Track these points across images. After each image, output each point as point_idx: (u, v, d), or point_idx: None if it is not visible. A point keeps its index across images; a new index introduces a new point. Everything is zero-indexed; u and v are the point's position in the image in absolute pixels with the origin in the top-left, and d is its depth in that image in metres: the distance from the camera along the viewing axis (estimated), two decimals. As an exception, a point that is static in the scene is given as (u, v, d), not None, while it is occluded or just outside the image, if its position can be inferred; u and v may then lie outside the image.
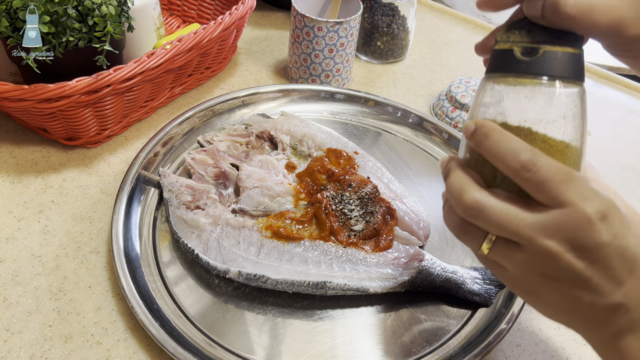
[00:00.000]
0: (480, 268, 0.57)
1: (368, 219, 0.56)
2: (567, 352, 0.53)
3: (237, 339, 0.50)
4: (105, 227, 0.59)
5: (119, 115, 0.68)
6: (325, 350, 0.50)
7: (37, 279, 0.54)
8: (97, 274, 0.55)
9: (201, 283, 0.54)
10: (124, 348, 0.49)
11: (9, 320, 0.50)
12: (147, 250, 0.56)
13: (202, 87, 0.80)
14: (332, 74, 0.79)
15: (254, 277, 0.52)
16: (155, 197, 0.62)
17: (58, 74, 0.60)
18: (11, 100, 0.57)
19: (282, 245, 0.55)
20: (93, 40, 0.61)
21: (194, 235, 0.56)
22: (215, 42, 0.72)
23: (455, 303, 0.55)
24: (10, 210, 0.60)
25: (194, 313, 0.52)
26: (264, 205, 0.59)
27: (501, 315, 0.52)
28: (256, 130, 0.69)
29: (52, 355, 0.48)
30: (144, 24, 0.73)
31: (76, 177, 0.64)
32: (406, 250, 0.56)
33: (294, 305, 0.53)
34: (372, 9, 0.85)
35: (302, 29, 0.75)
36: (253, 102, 0.75)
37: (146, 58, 0.63)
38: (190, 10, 0.90)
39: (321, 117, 0.75)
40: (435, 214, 0.64)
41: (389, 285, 0.53)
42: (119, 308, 0.52)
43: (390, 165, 0.69)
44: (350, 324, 0.53)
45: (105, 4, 0.61)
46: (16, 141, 0.68)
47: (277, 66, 0.86)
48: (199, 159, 0.64)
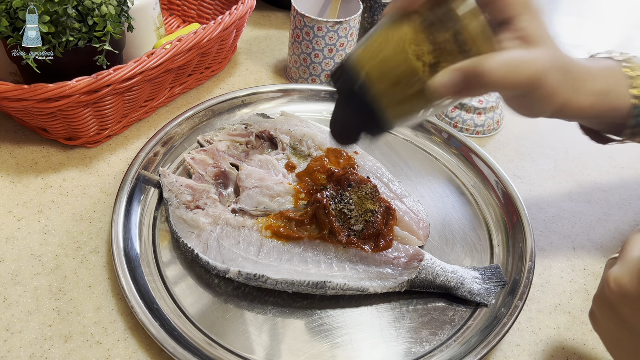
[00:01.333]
0: (480, 268, 0.57)
1: (368, 219, 0.56)
2: (567, 352, 0.53)
3: (237, 339, 0.50)
4: (105, 227, 0.59)
5: (119, 115, 0.68)
6: (325, 350, 0.50)
7: (37, 279, 0.54)
8: (97, 274, 0.55)
9: (201, 283, 0.54)
10: (124, 348, 0.49)
11: (9, 320, 0.50)
12: (147, 250, 0.56)
13: (202, 87, 0.80)
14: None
15: (254, 277, 0.52)
16: (155, 197, 0.62)
17: (58, 74, 0.60)
18: (11, 100, 0.57)
19: (282, 245, 0.55)
20: (93, 40, 0.61)
21: (194, 235, 0.56)
22: (215, 42, 0.72)
23: (455, 303, 0.55)
24: (11, 210, 0.60)
25: (194, 313, 0.52)
26: (264, 205, 0.59)
27: (501, 315, 0.52)
28: (256, 130, 0.69)
29: (52, 355, 0.48)
30: (144, 24, 0.73)
31: (76, 177, 0.64)
32: (406, 250, 0.56)
33: (294, 305, 0.53)
34: (372, 9, 0.85)
35: (302, 29, 0.75)
36: (253, 102, 0.75)
37: (146, 58, 0.63)
38: (190, 10, 0.90)
39: (321, 117, 0.75)
40: (435, 214, 0.64)
41: (389, 285, 0.53)
42: (119, 308, 0.52)
43: (390, 165, 0.69)
44: (350, 324, 0.53)
45: (105, 4, 0.61)
46: (16, 141, 0.68)
47: (277, 66, 0.86)
48: (199, 159, 0.64)
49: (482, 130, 0.77)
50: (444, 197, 0.66)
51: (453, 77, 0.38)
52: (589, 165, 0.75)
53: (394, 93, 0.40)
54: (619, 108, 0.45)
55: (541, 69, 0.40)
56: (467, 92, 0.39)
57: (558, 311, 0.57)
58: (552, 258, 0.62)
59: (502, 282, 0.56)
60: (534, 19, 0.40)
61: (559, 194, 0.70)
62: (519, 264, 0.57)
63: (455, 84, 0.38)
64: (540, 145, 0.78)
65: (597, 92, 0.44)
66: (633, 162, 0.77)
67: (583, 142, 0.55)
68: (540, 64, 0.40)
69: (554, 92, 0.42)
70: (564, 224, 0.66)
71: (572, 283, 0.60)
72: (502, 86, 0.39)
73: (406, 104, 0.40)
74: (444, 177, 0.69)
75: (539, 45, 0.40)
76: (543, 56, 0.40)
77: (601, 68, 0.45)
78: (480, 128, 0.76)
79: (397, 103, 0.40)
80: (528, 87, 0.40)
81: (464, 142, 0.71)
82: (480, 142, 0.76)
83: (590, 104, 0.44)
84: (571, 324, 0.56)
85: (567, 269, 0.61)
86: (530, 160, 0.75)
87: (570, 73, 0.43)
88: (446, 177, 0.69)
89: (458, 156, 0.71)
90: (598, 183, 0.73)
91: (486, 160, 0.68)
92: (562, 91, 0.42)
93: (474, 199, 0.66)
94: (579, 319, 0.56)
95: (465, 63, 0.38)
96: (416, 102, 0.40)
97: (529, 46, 0.40)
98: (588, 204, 0.69)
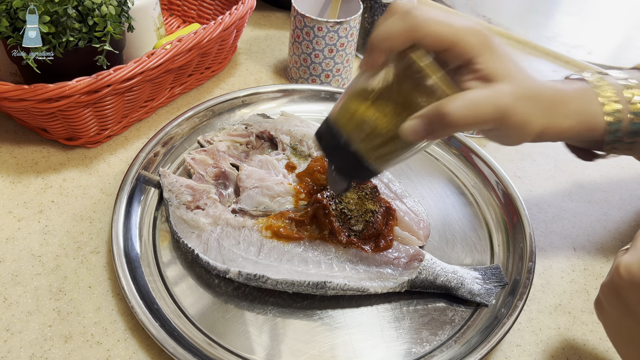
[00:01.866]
0: (480, 268, 0.57)
1: (368, 219, 0.56)
2: (567, 352, 0.53)
3: (237, 339, 0.50)
4: (105, 227, 0.59)
5: (119, 115, 0.68)
6: (325, 350, 0.50)
7: (37, 279, 0.54)
8: (97, 274, 0.55)
9: (201, 283, 0.54)
10: (124, 348, 0.49)
11: (9, 320, 0.50)
12: (147, 250, 0.56)
13: (202, 87, 0.80)
14: (332, 74, 0.79)
15: (254, 277, 0.52)
16: (155, 197, 0.62)
17: (58, 74, 0.60)
18: (11, 100, 0.57)
19: (282, 245, 0.55)
20: (93, 40, 0.61)
21: (194, 235, 0.56)
22: (215, 42, 0.72)
23: (455, 303, 0.55)
24: (10, 210, 0.60)
25: (194, 313, 0.52)
26: (264, 205, 0.59)
27: (501, 315, 0.52)
28: (256, 130, 0.69)
29: (52, 355, 0.48)
30: (144, 24, 0.73)
31: (76, 177, 0.64)
32: (406, 250, 0.56)
33: (294, 305, 0.53)
34: (372, 9, 0.85)
35: (302, 29, 0.75)
36: (253, 102, 0.75)
37: (146, 58, 0.63)
38: (190, 10, 0.90)
39: (321, 117, 0.74)
40: (435, 214, 0.64)
41: (389, 285, 0.53)
42: (119, 308, 0.52)
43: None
44: (350, 324, 0.53)
45: (105, 4, 0.61)
46: (16, 141, 0.68)
47: (277, 66, 0.86)
48: (199, 159, 0.64)
49: (482, 130, 0.76)
50: (444, 197, 0.66)
51: (417, 123, 0.40)
52: (589, 165, 0.75)
53: (373, 143, 0.43)
54: (595, 127, 0.46)
55: (503, 103, 0.41)
56: (434, 134, 0.41)
57: (558, 311, 0.57)
58: (552, 258, 0.62)
59: (502, 282, 0.56)
60: (494, 57, 0.42)
61: (559, 194, 0.70)
62: (519, 264, 0.57)
63: (420, 130, 0.40)
64: (540, 145, 0.78)
65: (572, 113, 0.45)
66: (633, 162, 0.76)
67: (583, 142, 0.55)
68: (501, 98, 0.41)
69: (525, 122, 0.43)
70: (564, 224, 0.66)
71: (572, 283, 0.60)
72: (465, 125, 0.40)
73: (385, 151, 0.43)
74: (444, 177, 0.69)
75: (500, 81, 0.41)
76: (504, 90, 0.41)
77: (574, 90, 0.46)
78: (480, 128, 0.76)
79: (377, 151, 0.43)
80: (493, 122, 0.42)
81: (464, 142, 0.71)
82: (480, 142, 0.76)
83: (568, 126, 0.45)
84: (571, 324, 0.56)
85: (567, 269, 0.61)
86: (530, 160, 0.75)
87: (542, 99, 0.44)
88: (446, 177, 0.69)
89: (458, 156, 0.71)
90: (598, 183, 0.73)
91: (486, 160, 0.68)
92: (535, 119, 0.43)
93: (474, 199, 0.66)
94: (579, 319, 0.56)
95: (428, 108, 0.40)
96: (394, 148, 0.43)
97: (489, 84, 0.41)
98: (588, 204, 0.69)
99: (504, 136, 0.45)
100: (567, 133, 0.46)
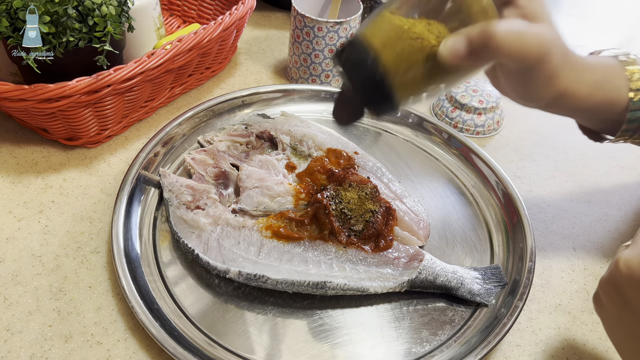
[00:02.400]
0: (480, 268, 0.57)
1: (368, 219, 0.56)
2: (567, 352, 0.53)
3: (237, 339, 0.50)
4: (106, 227, 0.59)
5: (119, 115, 0.68)
6: (325, 350, 0.50)
7: (37, 279, 0.54)
8: (97, 274, 0.55)
9: (201, 283, 0.54)
10: (124, 348, 0.49)
11: (9, 320, 0.50)
12: (147, 250, 0.56)
13: (202, 87, 0.80)
14: (332, 74, 0.79)
15: (254, 277, 0.52)
16: (155, 197, 0.62)
17: (58, 74, 0.60)
18: (11, 100, 0.57)
19: (282, 245, 0.55)
20: (93, 40, 0.61)
21: (194, 235, 0.56)
22: (215, 42, 0.72)
23: (455, 303, 0.55)
24: (11, 210, 0.60)
25: (194, 313, 0.52)
26: (264, 205, 0.59)
27: (501, 315, 0.52)
28: (256, 130, 0.69)
29: (52, 355, 0.48)
30: (144, 24, 0.73)
31: (76, 177, 0.65)
32: (406, 250, 0.56)
33: (294, 305, 0.53)
34: (372, 9, 0.85)
35: (302, 29, 0.75)
36: (253, 102, 0.75)
37: (146, 58, 0.63)
38: (190, 10, 0.90)
39: (321, 117, 0.75)
40: (435, 214, 0.64)
41: (389, 285, 0.53)
42: (119, 308, 0.52)
43: (390, 165, 0.69)
44: (350, 324, 0.53)
45: (105, 4, 0.61)
46: (16, 141, 0.68)
47: (277, 66, 0.86)
48: (199, 159, 0.64)
49: (482, 130, 0.77)
50: (444, 197, 0.66)
51: (459, 41, 0.38)
52: (589, 165, 0.75)
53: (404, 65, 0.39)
54: (617, 102, 0.46)
55: (547, 43, 0.40)
56: (474, 57, 0.39)
57: (558, 311, 0.57)
58: (552, 258, 0.62)
59: (502, 282, 0.56)
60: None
61: (559, 194, 0.70)
62: (519, 264, 0.57)
63: (462, 49, 0.38)
64: (540, 145, 0.78)
65: (595, 81, 0.45)
66: (633, 162, 0.77)
67: (583, 142, 0.55)
68: (546, 39, 0.40)
69: (555, 73, 0.42)
70: (564, 224, 0.66)
71: (572, 283, 0.60)
72: (508, 53, 0.39)
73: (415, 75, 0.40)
74: (444, 177, 0.69)
75: (544, 23, 0.41)
76: (549, 33, 0.41)
77: (600, 61, 0.46)
78: (480, 128, 0.76)
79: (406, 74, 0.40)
80: (534, 60, 0.41)
81: (464, 142, 0.71)
82: (480, 142, 0.76)
83: (587, 93, 0.44)
84: (571, 324, 0.56)
85: (567, 269, 0.61)
86: (530, 160, 0.75)
87: (570, 58, 0.43)
88: (446, 177, 0.69)
89: (458, 156, 0.71)
90: (598, 183, 0.73)
91: (486, 160, 0.68)
92: (562, 74, 0.43)
93: (474, 199, 0.66)
94: (579, 319, 0.56)
95: (474, 27, 0.39)
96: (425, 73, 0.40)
97: (533, 23, 0.41)
98: (588, 204, 0.69)
99: (527, 86, 0.44)
100: (584, 102, 0.45)
